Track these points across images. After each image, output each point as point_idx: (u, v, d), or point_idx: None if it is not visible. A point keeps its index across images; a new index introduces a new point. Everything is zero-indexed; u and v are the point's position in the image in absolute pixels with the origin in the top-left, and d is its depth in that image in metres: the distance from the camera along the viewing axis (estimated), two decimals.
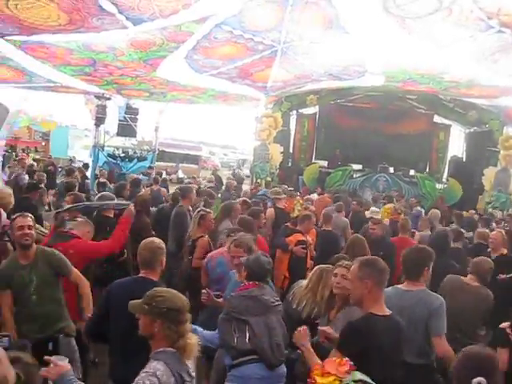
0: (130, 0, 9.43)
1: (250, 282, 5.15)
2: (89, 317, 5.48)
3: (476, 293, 6.11)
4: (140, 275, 4.93)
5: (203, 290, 5.86)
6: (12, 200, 8.50)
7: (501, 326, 5.06)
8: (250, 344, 4.81)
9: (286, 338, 5.09)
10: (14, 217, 5.73)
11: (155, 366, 3.44)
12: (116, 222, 7.53)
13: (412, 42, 11.34)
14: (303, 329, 4.37)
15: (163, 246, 5.09)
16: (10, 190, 8.92)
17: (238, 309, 4.89)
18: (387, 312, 4.14)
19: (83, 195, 9.24)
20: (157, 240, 5.16)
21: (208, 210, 8.37)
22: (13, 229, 5.64)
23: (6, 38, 12.06)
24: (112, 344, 4.84)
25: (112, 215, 8.13)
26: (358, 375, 3.09)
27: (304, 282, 5.92)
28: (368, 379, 3.11)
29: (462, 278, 6.39)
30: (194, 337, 3.72)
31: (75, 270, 5.73)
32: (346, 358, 3.29)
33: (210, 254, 6.99)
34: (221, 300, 5.63)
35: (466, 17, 9.53)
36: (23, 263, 5.45)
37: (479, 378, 3.10)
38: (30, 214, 5.77)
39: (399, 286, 5.18)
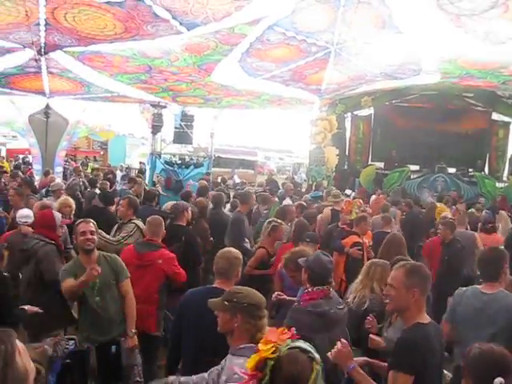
0: (183, 5, 9.56)
1: (315, 289, 4.95)
2: (133, 332, 5.67)
3: None
4: (214, 285, 4.97)
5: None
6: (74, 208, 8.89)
7: None
8: None
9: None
10: (77, 222, 5.90)
11: (240, 363, 3.48)
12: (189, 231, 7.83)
13: (468, 39, 11.15)
14: (344, 346, 4.01)
15: (240, 256, 5.11)
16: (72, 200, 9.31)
17: (301, 325, 4.47)
18: (429, 319, 4.04)
19: (137, 200, 9.39)
20: (234, 250, 5.20)
21: (280, 221, 8.33)
22: (76, 234, 5.79)
23: (64, 49, 12.38)
24: (183, 353, 4.86)
25: (185, 224, 8.34)
26: (297, 343, 3.07)
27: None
28: (307, 347, 3.05)
29: None
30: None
31: (128, 281, 5.83)
32: (289, 329, 3.27)
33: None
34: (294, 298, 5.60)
35: None
36: (87, 267, 5.56)
37: (499, 379, 3.04)
38: (92, 220, 5.95)
39: (478, 286, 5.13)
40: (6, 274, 5.75)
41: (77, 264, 5.69)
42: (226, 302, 3.82)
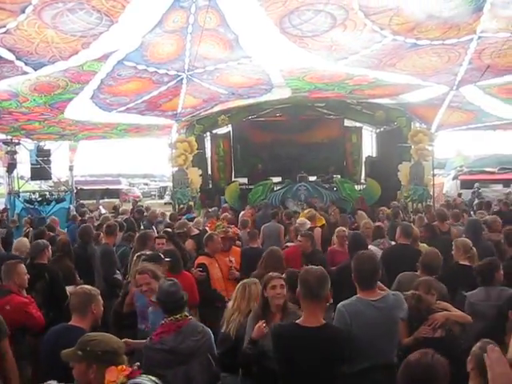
0: (26, 45, 9.26)
1: (168, 321, 4.89)
2: None
3: None
4: (70, 323, 4.94)
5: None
6: None
7: (420, 334, 5.35)
8: None
9: (213, 377, 5.12)
10: None
11: None
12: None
13: (312, 57, 11.60)
14: None
15: (94, 292, 5.08)
16: None
17: (153, 362, 4.65)
18: None
19: None
20: (86, 286, 5.24)
21: (148, 252, 8.14)
22: None
23: None
24: None
25: (46, 261, 8.15)
26: (138, 379, 3.18)
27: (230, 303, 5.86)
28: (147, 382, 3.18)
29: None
30: None
31: (6, 341, 5.53)
32: (128, 366, 3.38)
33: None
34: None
35: (360, 30, 9.85)
36: None
37: None
38: None
39: (360, 296, 5.01)
40: None
41: None
42: (79, 352, 3.60)
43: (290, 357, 4.33)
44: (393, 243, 9.44)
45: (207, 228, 12.03)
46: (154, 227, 13.80)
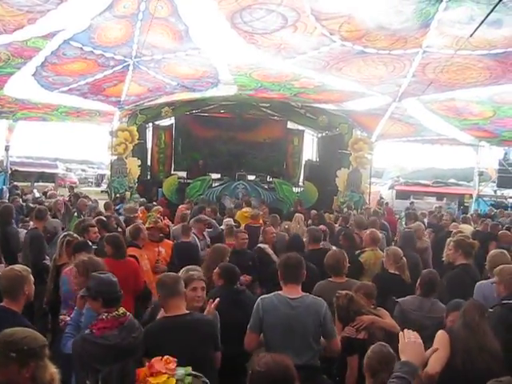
0: None
1: (110, 317, 4.62)
2: None
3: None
4: (1, 304, 4.82)
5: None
6: None
7: (344, 333, 5.38)
8: None
9: None
10: None
11: None
12: None
13: (260, 54, 11.68)
14: None
15: (25, 272, 4.94)
16: None
17: (88, 355, 4.48)
18: None
19: None
20: (17, 267, 5.06)
21: (75, 235, 7.86)
22: None
23: None
24: None
25: None
26: (189, 369, 3.19)
27: None
28: (198, 373, 3.23)
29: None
30: (52, 365, 3.45)
31: None
32: (169, 357, 3.38)
33: None
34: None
35: (310, 33, 9.97)
36: None
37: None
38: None
39: (280, 292, 5.22)
40: None
41: None
42: (12, 354, 3.22)
43: (165, 349, 4.00)
44: (334, 247, 9.46)
45: (139, 218, 11.91)
46: (82, 216, 13.53)
